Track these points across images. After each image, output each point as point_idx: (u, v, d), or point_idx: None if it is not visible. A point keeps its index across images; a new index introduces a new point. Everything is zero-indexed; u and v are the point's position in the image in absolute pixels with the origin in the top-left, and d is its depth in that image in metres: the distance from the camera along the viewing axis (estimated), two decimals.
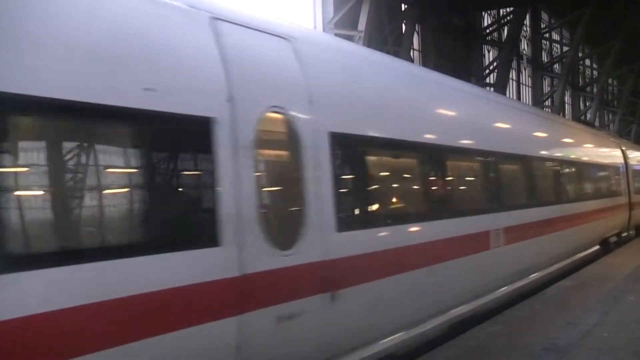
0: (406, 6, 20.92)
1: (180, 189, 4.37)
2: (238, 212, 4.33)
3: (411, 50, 21.49)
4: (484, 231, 8.41)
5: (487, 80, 27.02)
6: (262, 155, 4.73)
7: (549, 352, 6.63)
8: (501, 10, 28.54)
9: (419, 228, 6.80)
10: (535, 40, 34.87)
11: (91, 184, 3.72)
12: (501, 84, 26.88)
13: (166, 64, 4.14)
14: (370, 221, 6.12)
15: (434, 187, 7.56)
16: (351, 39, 16.40)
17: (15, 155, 3.36)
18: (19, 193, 3.38)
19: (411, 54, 21.39)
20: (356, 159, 6.13)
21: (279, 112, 4.90)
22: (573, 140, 14.69)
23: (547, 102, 33.37)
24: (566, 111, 38.48)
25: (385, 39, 18.85)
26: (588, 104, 41.14)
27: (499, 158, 9.38)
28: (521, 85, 33.69)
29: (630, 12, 29.99)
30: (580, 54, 37.98)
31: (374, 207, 6.36)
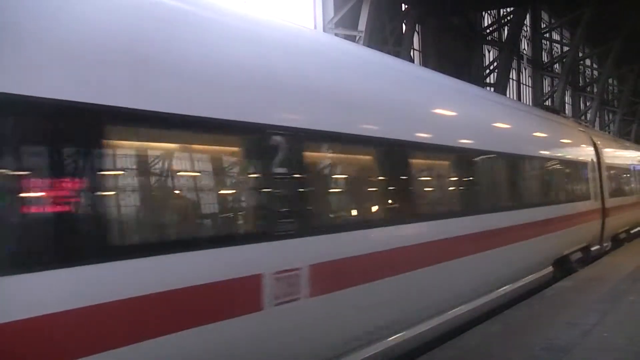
0: (406, 6, 20.94)
1: None
2: None
3: (411, 50, 21.51)
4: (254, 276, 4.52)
5: (487, 80, 27.04)
6: None
7: (549, 352, 6.63)
8: (501, 10, 28.59)
9: None
10: (536, 40, 34.92)
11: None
12: (501, 84, 26.90)
13: None
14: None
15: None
16: (352, 39, 16.40)
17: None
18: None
19: (411, 54, 21.41)
20: None
21: None
22: (515, 126, 10.93)
23: (548, 102, 33.40)
24: (566, 111, 38.50)
25: (386, 39, 18.86)
26: (588, 104, 41.18)
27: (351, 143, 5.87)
28: (521, 85, 33.73)
29: (630, 12, 30.00)
30: (581, 54, 38.02)
31: None
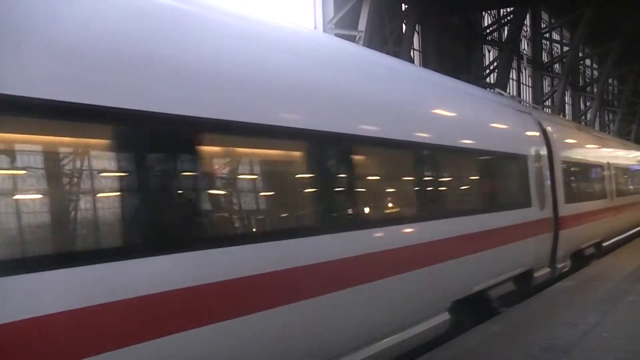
0: (406, 6, 20.94)
1: None
2: None
3: (411, 50, 21.51)
4: None
5: (488, 80, 27.03)
6: None
7: (549, 352, 6.63)
8: (501, 10, 28.58)
9: None
10: (536, 40, 34.90)
11: None
12: (501, 84, 26.88)
13: None
14: None
15: None
16: (351, 39, 16.40)
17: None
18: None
19: (411, 54, 21.41)
20: None
21: None
22: (395, 97, 6.99)
23: (548, 102, 33.41)
24: (566, 111, 38.50)
25: (386, 39, 18.86)
26: (588, 104, 41.17)
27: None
28: (521, 85, 33.72)
29: (630, 12, 30.00)
30: (581, 54, 38.00)
31: None
